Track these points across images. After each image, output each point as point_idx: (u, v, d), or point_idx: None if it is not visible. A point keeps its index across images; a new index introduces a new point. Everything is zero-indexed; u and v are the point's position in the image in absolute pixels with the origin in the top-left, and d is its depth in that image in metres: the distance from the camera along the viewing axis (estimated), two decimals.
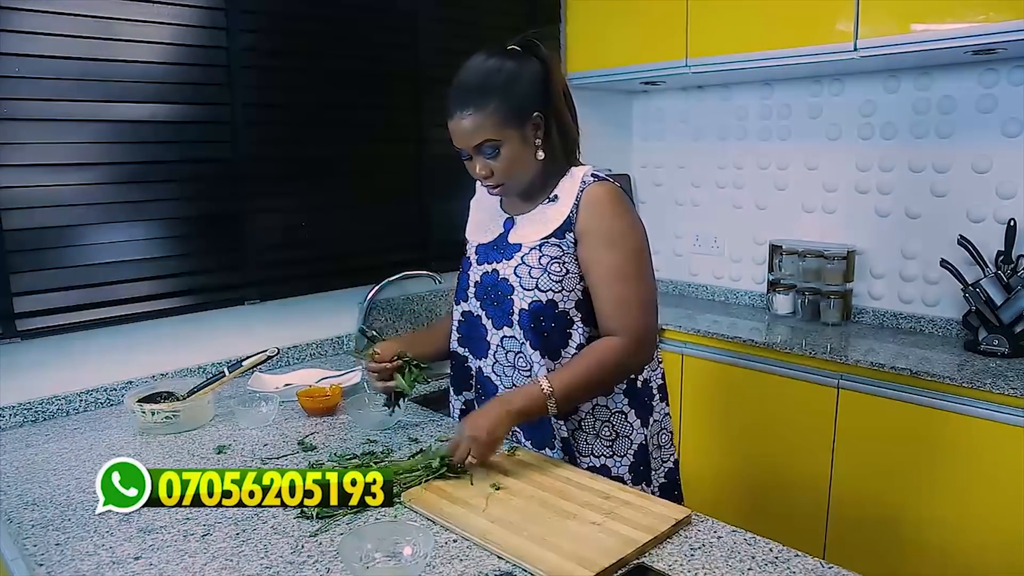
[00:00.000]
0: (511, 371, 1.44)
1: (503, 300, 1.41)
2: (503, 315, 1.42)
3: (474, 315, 1.48)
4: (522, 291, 1.39)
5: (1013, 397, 1.85)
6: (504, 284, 1.41)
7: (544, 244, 1.39)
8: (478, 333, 1.47)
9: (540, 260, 1.38)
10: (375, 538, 1.07)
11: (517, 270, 1.40)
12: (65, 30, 1.74)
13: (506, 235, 1.46)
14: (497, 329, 1.44)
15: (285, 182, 2.18)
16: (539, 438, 1.46)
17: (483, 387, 1.50)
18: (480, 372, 1.49)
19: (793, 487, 2.29)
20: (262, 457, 1.49)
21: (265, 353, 1.81)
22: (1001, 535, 1.90)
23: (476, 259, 1.50)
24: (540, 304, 1.38)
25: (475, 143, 1.35)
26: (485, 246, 1.50)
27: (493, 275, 1.43)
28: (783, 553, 1.09)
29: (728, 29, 2.42)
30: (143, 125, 1.88)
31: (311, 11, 2.18)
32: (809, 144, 2.72)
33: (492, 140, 1.34)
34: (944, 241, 2.36)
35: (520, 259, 1.41)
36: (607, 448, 1.43)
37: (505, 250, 1.44)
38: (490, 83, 1.33)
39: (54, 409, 1.80)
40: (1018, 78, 2.23)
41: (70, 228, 1.80)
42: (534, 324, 1.38)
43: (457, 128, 1.35)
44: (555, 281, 1.38)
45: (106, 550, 1.14)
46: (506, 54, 1.37)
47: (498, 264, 1.44)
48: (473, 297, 1.48)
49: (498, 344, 1.44)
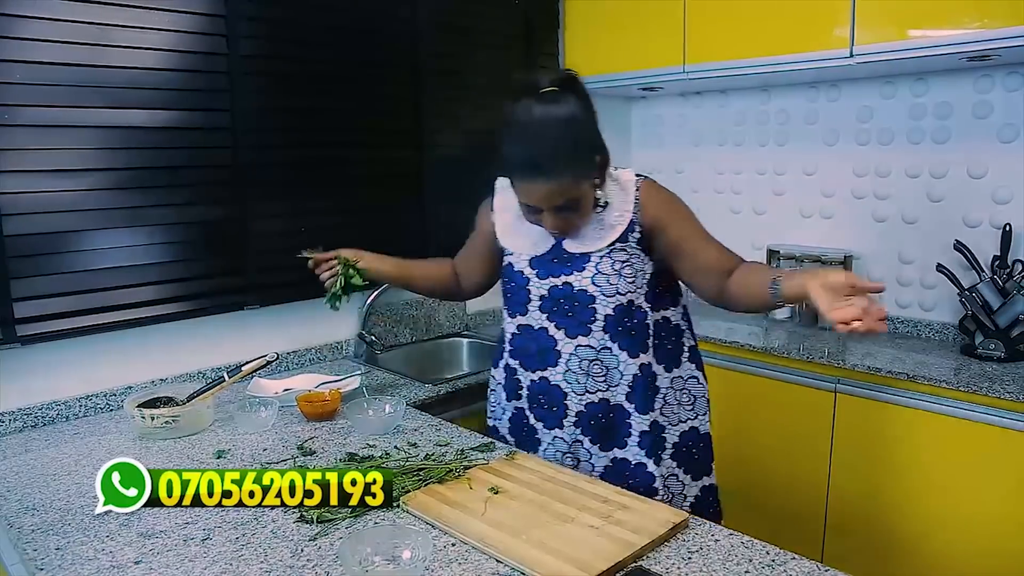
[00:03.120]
0: (584, 378, 1.47)
1: (582, 310, 1.46)
2: (579, 324, 1.47)
3: (536, 328, 1.51)
4: (604, 298, 1.45)
5: (1009, 401, 1.86)
6: (582, 295, 1.46)
7: (612, 250, 1.46)
8: (543, 345, 1.50)
9: (613, 266, 1.45)
10: (374, 542, 1.08)
11: (595, 280, 1.45)
12: (66, 37, 1.75)
13: (561, 246, 1.49)
14: (571, 338, 1.48)
15: (284, 187, 2.18)
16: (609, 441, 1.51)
17: (548, 396, 1.52)
18: (544, 382, 1.51)
19: (791, 491, 2.30)
20: (262, 462, 1.50)
21: (265, 358, 1.82)
22: (998, 539, 1.90)
23: (536, 273, 1.51)
24: (622, 306, 1.45)
25: (556, 205, 1.38)
26: (541, 259, 1.51)
27: (566, 288, 1.47)
28: (780, 556, 1.10)
29: (726, 35, 2.44)
30: (143, 131, 1.89)
31: (311, 18, 2.19)
32: (806, 149, 2.73)
33: (571, 199, 1.38)
34: (940, 246, 2.37)
35: (595, 268, 1.46)
36: (690, 411, 1.56)
37: (573, 262, 1.47)
38: (562, 147, 1.34)
39: (54, 414, 1.81)
40: (1013, 84, 2.24)
41: (70, 234, 1.80)
42: (620, 327, 1.46)
43: (531, 190, 1.37)
44: (629, 282, 1.46)
45: (106, 554, 1.14)
46: (556, 101, 1.35)
47: (569, 277, 1.47)
48: (537, 310, 1.50)
49: (571, 353, 1.48)
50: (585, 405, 1.49)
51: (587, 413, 1.49)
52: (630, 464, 1.50)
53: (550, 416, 1.52)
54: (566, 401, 1.49)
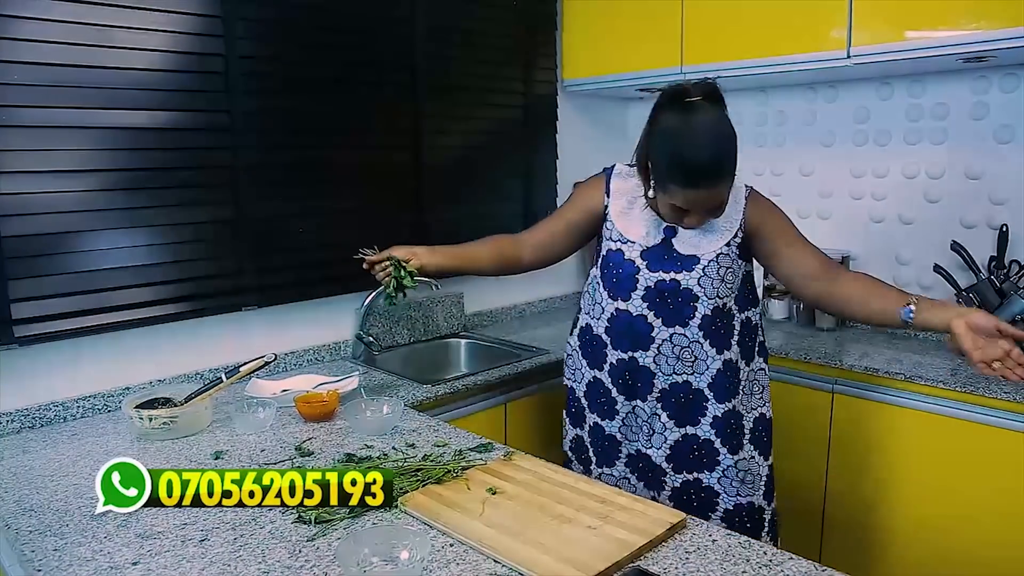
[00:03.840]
0: (674, 361, 1.60)
1: (684, 306, 1.58)
2: (678, 316, 1.58)
3: (634, 314, 1.61)
4: (706, 299, 1.57)
5: (1006, 401, 1.86)
6: (687, 293, 1.57)
7: (719, 255, 1.58)
8: (639, 330, 1.61)
9: (718, 271, 1.57)
10: (372, 542, 1.08)
11: (701, 281, 1.57)
12: (64, 38, 1.74)
13: (671, 243, 1.60)
14: (668, 327, 1.59)
15: (283, 188, 2.18)
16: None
17: (634, 374, 1.63)
18: (633, 361, 1.62)
19: (789, 491, 2.30)
20: (259, 463, 1.50)
21: (263, 359, 1.81)
22: (995, 537, 1.90)
23: (647, 264, 1.60)
24: (719, 308, 1.58)
25: (712, 207, 1.50)
26: (652, 252, 1.61)
27: (673, 284, 1.58)
28: (776, 556, 1.10)
29: (723, 36, 2.44)
30: (141, 132, 1.88)
31: (308, 18, 2.19)
32: (804, 150, 2.74)
33: (722, 203, 1.51)
34: (938, 247, 2.38)
35: (702, 271, 1.57)
36: (759, 399, 1.70)
37: (683, 262, 1.58)
38: (727, 159, 1.46)
39: (51, 415, 1.80)
40: (1009, 85, 2.25)
41: (68, 235, 1.80)
42: (713, 325, 1.59)
43: (696, 198, 1.47)
44: (729, 287, 1.59)
45: (104, 556, 1.14)
46: (715, 111, 1.46)
47: (677, 274, 1.58)
48: (640, 299, 1.60)
49: (665, 339, 1.60)
50: (669, 385, 1.62)
51: (670, 391, 1.62)
52: (699, 439, 1.63)
53: (633, 390, 1.65)
54: (653, 380, 1.62)
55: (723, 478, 1.63)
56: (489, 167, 2.73)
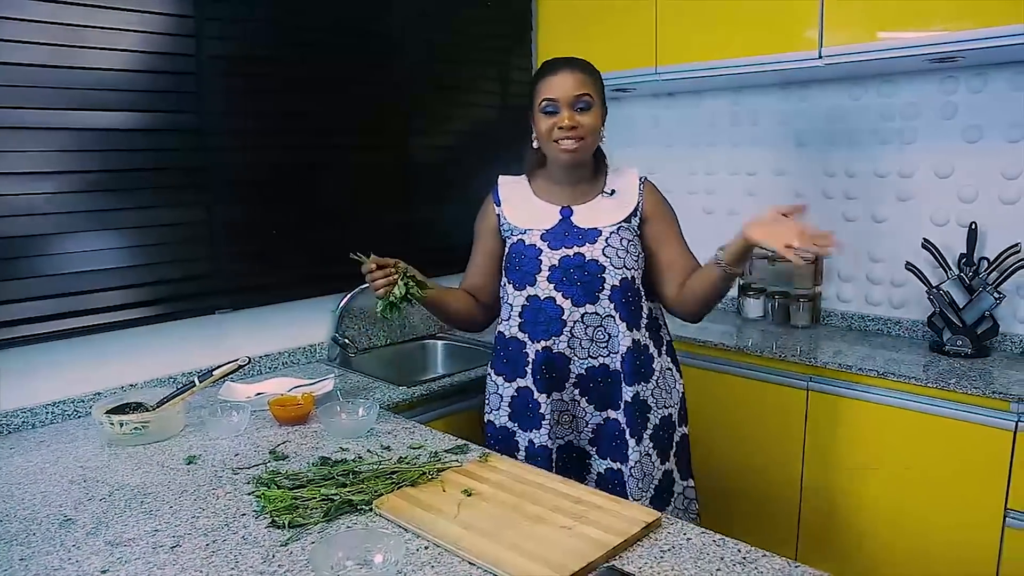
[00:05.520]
0: (588, 343, 1.62)
1: (592, 279, 1.61)
2: (587, 293, 1.61)
3: (542, 298, 1.63)
4: (613, 269, 1.61)
5: (977, 396, 1.89)
6: (593, 264, 1.61)
7: (620, 228, 1.64)
8: (549, 315, 1.62)
9: (621, 242, 1.63)
10: (346, 546, 1.07)
11: (606, 251, 1.62)
12: (35, 38, 1.72)
13: (570, 221, 1.66)
14: (577, 307, 1.61)
15: (256, 190, 2.16)
16: (603, 402, 1.66)
17: (550, 365, 1.63)
18: (547, 351, 1.63)
19: (764, 488, 2.32)
20: (233, 467, 1.48)
21: (236, 362, 1.80)
22: (969, 532, 1.93)
23: (548, 244, 1.65)
24: (627, 280, 1.62)
25: (576, 94, 1.59)
26: (552, 232, 1.66)
27: (578, 257, 1.62)
28: (751, 554, 1.11)
29: (697, 37, 2.45)
30: (112, 133, 1.86)
31: (282, 19, 2.17)
32: (777, 150, 2.76)
33: (589, 96, 1.60)
34: (909, 244, 2.41)
35: (605, 241, 1.63)
36: (668, 398, 1.70)
37: (584, 235, 1.64)
38: (591, 66, 1.66)
39: (19, 422, 1.77)
40: (977, 85, 2.28)
41: (38, 237, 1.77)
42: (624, 299, 1.61)
43: (561, 81, 1.60)
44: (634, 259, 1.64)
45: (72, 564, 1.12)
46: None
47: (580, 248, 1.63)
48: (546, 280, 1.63)
49: (576, 320, 1.61)
50: (585, 369, 1.63)
51: (587, 376, 1.64)
52: (620, 424, 1.64)
53: (551, 382, 1.64)
54: (569, 367, 1.63)
55: (630, 477, 1.64)
56: (470, 167, 2.72)
